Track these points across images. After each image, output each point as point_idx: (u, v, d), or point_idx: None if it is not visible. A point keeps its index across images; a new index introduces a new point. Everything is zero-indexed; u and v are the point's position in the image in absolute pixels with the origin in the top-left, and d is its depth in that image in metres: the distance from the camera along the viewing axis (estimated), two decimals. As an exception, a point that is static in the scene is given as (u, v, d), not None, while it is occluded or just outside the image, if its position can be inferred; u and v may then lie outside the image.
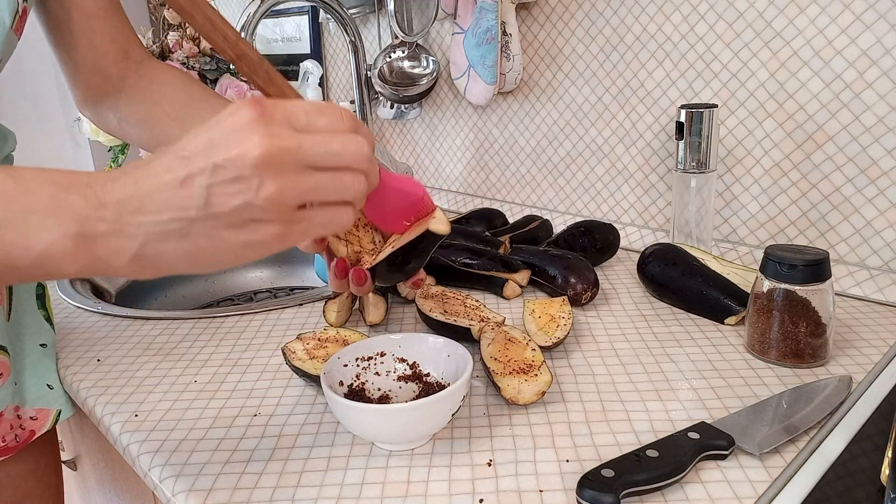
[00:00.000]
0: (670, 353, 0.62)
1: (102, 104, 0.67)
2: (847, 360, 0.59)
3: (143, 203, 0.33)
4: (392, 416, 0.46)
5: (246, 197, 0.33)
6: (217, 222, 0.33)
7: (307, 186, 0.34)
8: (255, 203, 0.33)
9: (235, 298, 1.18)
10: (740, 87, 0.79)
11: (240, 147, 0.32)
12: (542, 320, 0.66)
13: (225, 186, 0.32)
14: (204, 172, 0.32)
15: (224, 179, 0.32)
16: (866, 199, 0.72)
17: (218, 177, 0.32)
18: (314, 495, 0.45)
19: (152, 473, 0.49)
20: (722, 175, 0.83)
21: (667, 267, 0.73)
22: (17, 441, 0.62)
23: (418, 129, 1.24)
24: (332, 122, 0.36)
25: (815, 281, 0.57)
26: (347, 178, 0.36)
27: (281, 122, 0.34)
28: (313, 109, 0.35)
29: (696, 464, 0.46)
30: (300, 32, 1.43)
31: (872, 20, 0.68)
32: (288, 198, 0.34)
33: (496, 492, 0.45)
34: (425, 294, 0.71)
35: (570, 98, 0.97)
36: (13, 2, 0.52)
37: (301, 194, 0.34)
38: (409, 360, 0.56)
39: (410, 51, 1.12)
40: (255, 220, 0.34)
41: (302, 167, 0.34)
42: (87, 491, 0.91)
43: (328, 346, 0.62)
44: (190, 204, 0.33)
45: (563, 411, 0.54)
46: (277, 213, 0.34)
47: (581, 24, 0.93)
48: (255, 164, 0.32)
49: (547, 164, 1.03)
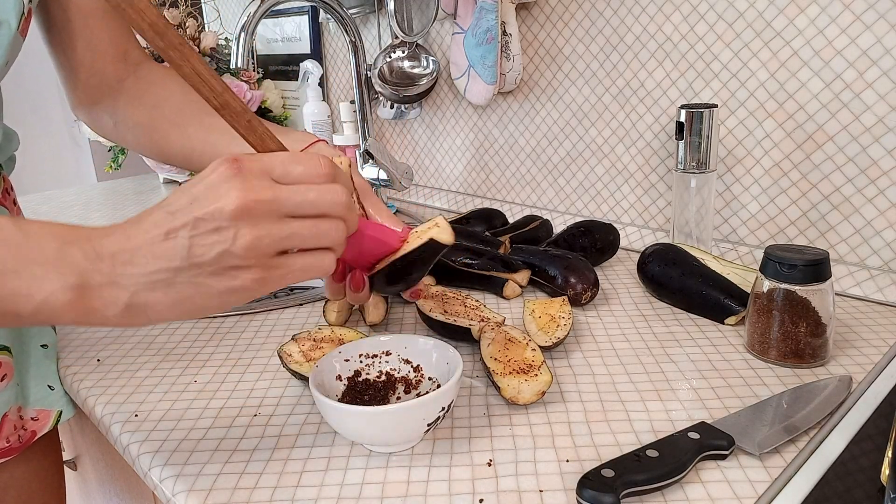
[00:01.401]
0: (670, 353, 0.62)
1: (99, 106, 0.66)
2: (847, 360, 0.59)
3: (133, 255, 0.36)
4: (360, 418, 0.46)
5: (224, 246, 0.35)
6: (200, 271, 0.36)
7: (283, 234, 0.37)
8: (233, 251, 0.35)
9: (235, 298, 1.18)
10: (740, 87, 0.79)
11: (218, 201, 0.35)
12: (543, 320, 0.66)
13: (205, 237, 0.35)
14: (186, 226, 0.35)
15: (204, 231, 0.35)
16: (866, 199, 0.72)
17: (199, 229, 0.35)
18: (314, 495, 0.45)
19: (152, 473, 0.50)
20: (722, 175, 0.83)
21: (667, 267, 0.73)
22: (20, 442, 0.62)
23: (418, 129, 1.24)
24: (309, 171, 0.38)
25: (815, 281, 0.57)
26: (324, 226, 0.38)
27: (258, 174, 0.36)
28: (290, 160, 0.38)
29: (696, 464, 0.46)
30: (300, 32, 1.43)
31: (872, 20, 0.68)
32: (264, 245, 0.36)
33: (496, 492, 0.45)
34: (425, 294, 0.71)
35: (570, 98, 0.97)
36: (19, 4, 0.52)
37: (277, 242, 0.37)
38: (414, 362, 0.56)
39: (410, 51, 1.12)
40: (234, 266, 0.36)
41: (278, 216, 0.37)
42: (87, 491, 0.91)
43: (324, 346, 0.62)
44: (174, 255, 0.36)
45: (563, 411, 0.54)
46: (255, 259, 0.36)
47: (581, 24, 0.93)
48: (232, 215, 0.35)
49: (547, 164, 1.03)
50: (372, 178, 1.07)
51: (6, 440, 0.60)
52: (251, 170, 0.36)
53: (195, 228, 0.35)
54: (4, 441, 0.60)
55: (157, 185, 1.57)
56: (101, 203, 1.43)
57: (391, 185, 1.05)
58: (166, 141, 0.62)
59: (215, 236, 0.35)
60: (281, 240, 0.37)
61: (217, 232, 0.35)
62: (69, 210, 1.37)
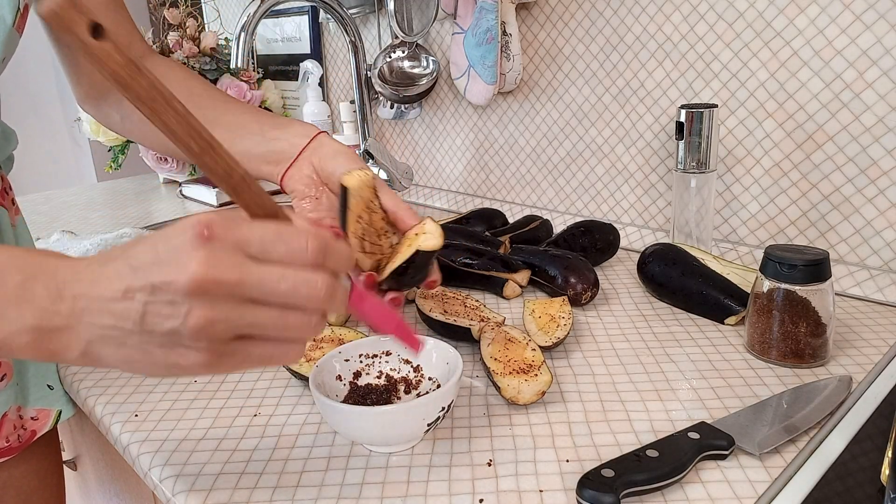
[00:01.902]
0: (670, 353, 0.62)
1: (105, 101, 0.66)
2: (847, 360, 0.59)
3: (91, 303, 0.33)
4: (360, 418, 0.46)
5: (175, 323, 0.32)
6: (150, 339, 0.33)
7: (243, 322, 0.33)
8: (182, 331, 0.32)
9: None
10: (740, 87, 0.79)
11: (176, 272, 0.31)
12: (543, 320, 0.66)
13: (159, 307, 0.32)
14: (144, 290, 0.32)
15: (160, 300, 0.32)
16: (866, 199, 0.72)
17: (155, 297, 0.32)
18: (314, 495, 0.45)
19: (152, 473, 0.49)
20: (722, 175, 0.83)
21: (667, 267, 0.73)
22: (20, 441, 0.62)
23: (418, 129, 1.24)
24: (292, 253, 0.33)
25: (815, 281, 0.57)
26: (293, 319, 0.34)
27: (229, 247, 0.32)
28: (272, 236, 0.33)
29: (696, 464, 0.46)
30: (300, 32, 1.43)
31: (872, 20, 0.68)
32: (217, 331, 0.32)
33: (496, 492, 0.45)
34: (425, 294, 0.71)
35: (570, 98, 0.97)
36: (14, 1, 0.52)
37: (233, 329, 0.33)
38: (414, 362, 0.56)
39: (410, 51, 1.12)
40: (183, 345, 0.33)
41: (240, 300, 0.32)
42: (87, 491, 0.91)
43: (324, 346, 0.62)
44: (128, 317, 0.33)
45: (563, 411, 0.54)
46: (205, 343, 0.32)
47: (581, 24, 0.93)
48: (186, 291, 0.31)
49: (547, 164, 1.03)
50: (372, 178, 1.07)
51: (6, 440, 0.60)
52: (223, 241, 0.32)
53: (151, 295, 0.32)
54: (4, 441, 0.60)
55: (156, 185, 1.57)
56: (101, 203, 1.43)
57: (391, 185, 1.05)
58: None
59: (169, 309, 0.32)
60: (239, 327, 0.33)
61: (171, 305, 0.32)
62: (69, 210, 1.37)
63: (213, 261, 0.31)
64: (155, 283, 0.32)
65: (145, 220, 1.24)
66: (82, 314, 0.33)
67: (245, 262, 0.32)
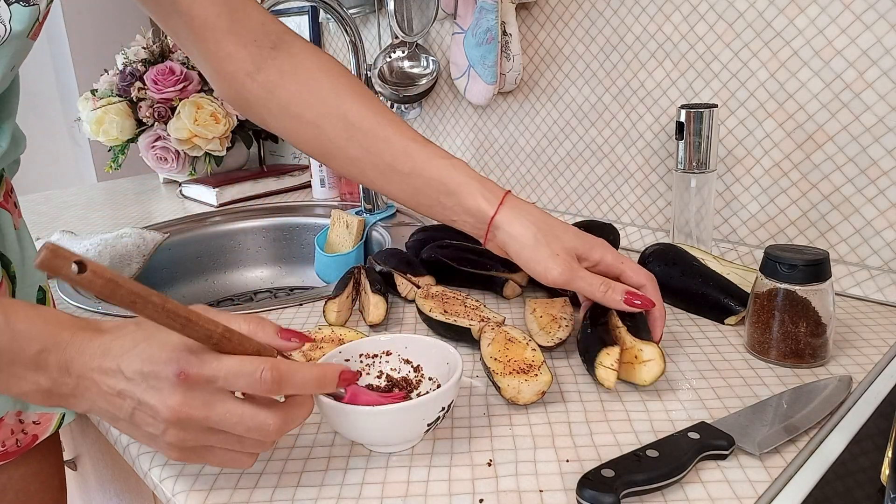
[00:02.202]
0: (670, 353, 0.62)
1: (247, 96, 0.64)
2: (847, 360, 0.59)
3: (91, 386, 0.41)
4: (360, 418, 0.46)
5: (155, 431, 0.41)
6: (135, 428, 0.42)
7: (206, 442, 0.42)
8: (160, 439, 0.41)
9: (236, 298, 1.18)
10: (740, 87, 0.79)
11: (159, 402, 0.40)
12: (544, 320, 0.66)
13: (144, 416, 0.40)
14: (134, 398, 0.40)
15: (144, 413, 0.40)
16: (866, 199, 0.72)
17: (141, 407, 0.40)
18: (314, 495, 0.45)
19: (152, 473, 0.50)
20: (722, 175, 0.83)
21: (667, 267, 0.73)
22: (19, 446, 0.62)
23: (418, 128, 1.24)
24: (251, 385, 0.40)
25: (815, 281, 0.57)
26: (249, 444, 0.43)
27: (202, 385, 0.40)
28: (234, 373, 0.40)
29: (696, 464, 0.46)
30: (300, 32, 1.43)
31: (872, 20, 0.68)
32: (187, 445, 0.41)
33: (496, 492, 0.45)
34: (425, 294, 0.71)
35: (570, 98, 0.97)
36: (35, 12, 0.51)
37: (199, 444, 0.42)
38: (414, 362, 0.56)
39: (410, 51, 1.12)
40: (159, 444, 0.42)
41: (206, 427, 0.41)
42: (87, 491, 0.91)
43: (324, 346, 0.62)
44: (119, 411, 0.41)
45: (563, 411, 0.54)
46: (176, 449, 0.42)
47: (581, 24, 0.93)
48: (165, 420, 0.40)
49: (547, 164, 1.03)
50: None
51: (1, 444, 0.60)
52: (196, 382, 0.40)
53: (139, 405, 0.40)
54: (0, 445, 0.60)
55: (156, 185, 1.57)
56: (102, 203, 1.43)
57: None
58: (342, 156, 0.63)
59: (151, 420, 0.40)
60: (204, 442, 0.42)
61: (153, 418, 0.40)
62: (69, 210, 1.37)
63: (188, 399, 0.40)
64: (141, 400, 0.40)
65: (145, 220, 1.24)
66: (85, 391, 0.41)
67: (212, 399, 0.40)
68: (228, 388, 0.40)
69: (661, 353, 0.54)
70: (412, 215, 1.16)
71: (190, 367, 0.40)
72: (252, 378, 0.40)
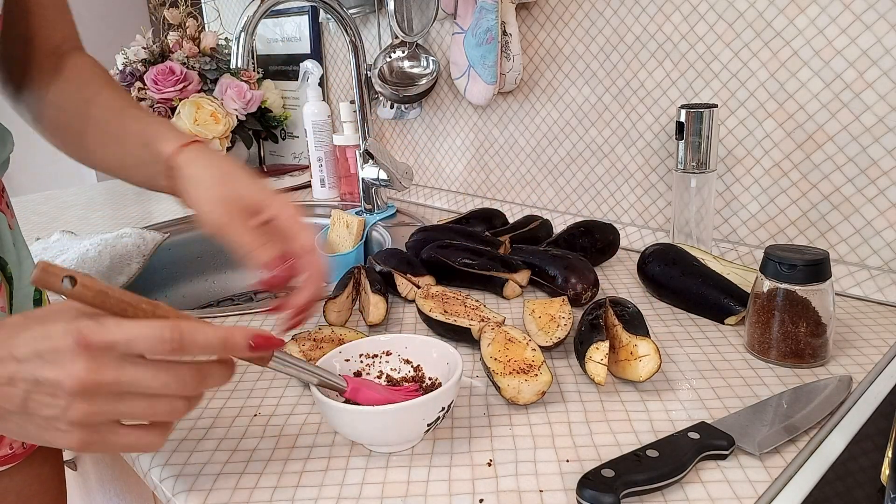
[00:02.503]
0: (670, 353, 0.62)
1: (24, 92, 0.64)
2: (847, 360, 0.59)
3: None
4: (361, 418, 0.46)
5: (55, 412, 0.37)
6: (29, 420, 0.38)
7: (117, 412, 0.38)
8: (62, 419, 0.37)
9: (236, 298, 1.18)
10: (740, 87, 0.79)
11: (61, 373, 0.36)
12: (543, 320, 0.66)
13: (41, 397, 0.36)
14: (27, 381, 0.36)
15: (41, 392, 0.36)
16: (866, 199, 0.72)
17: (37, 388, 0.36)
18: (314, 495, 0.45)
19: (152, 473, 0.50)
20: (722, 175, 0.83)
21: (667, 267, 0.73)
22: (24, 448, 0.62)
23: (418, 129, 1.24)
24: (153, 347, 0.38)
25: (815, 281, 0.57)
26: (161, 407, 0.39)
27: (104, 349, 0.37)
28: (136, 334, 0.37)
29: (696, 464, 0.46)
30: (300, 32, 1.44)
31: (872, 20, 0.68)
32: (94, 421, 0.37)
33: (496, 492, 0.45)
34: (425, 294, 0.71)
35: (570, 98, 0.97)
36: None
37: (108, 418, 0.38)
38: (414, 362, 0.56)
39: (410, 51, 1.12)
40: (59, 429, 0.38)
41: (115, 394, 0.37)
42: (87, 491, 0.91)
43: (324, 346, 0.62)
44: (10, 400, 0.37)
45: (563, 411, 0.54)
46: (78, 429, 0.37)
47: (581, 24, 0.93)
48: (70, 392, 0.36)
49: (547, 164, 1.03)
50: (372, 177, 1.07)
51: (9, 447, 0.60)
52: (98, 346, 0.36)
53: (35, 386, 0.36)
54: (7, 448, 0.60)
55: (157, 185, 1.56)
56: (101, 203, 1.43)
57: (391, 185, 1.05)
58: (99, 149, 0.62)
59: (49, 399, 0.36)
60: (114, 416, 0.38)
61: (52, 397, 0.36)
62: (69, 210, 1.37)
63: (94, 365, 0.36)
64: (39, 378, 0.36)
65: (145, 220, 1.24)
66: None
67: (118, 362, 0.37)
68: (131, 351, 0.38)
69: (657, 348, 0.55)
70: (412, 215, 1.16)
71: (91, 333, 0.37)
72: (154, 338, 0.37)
